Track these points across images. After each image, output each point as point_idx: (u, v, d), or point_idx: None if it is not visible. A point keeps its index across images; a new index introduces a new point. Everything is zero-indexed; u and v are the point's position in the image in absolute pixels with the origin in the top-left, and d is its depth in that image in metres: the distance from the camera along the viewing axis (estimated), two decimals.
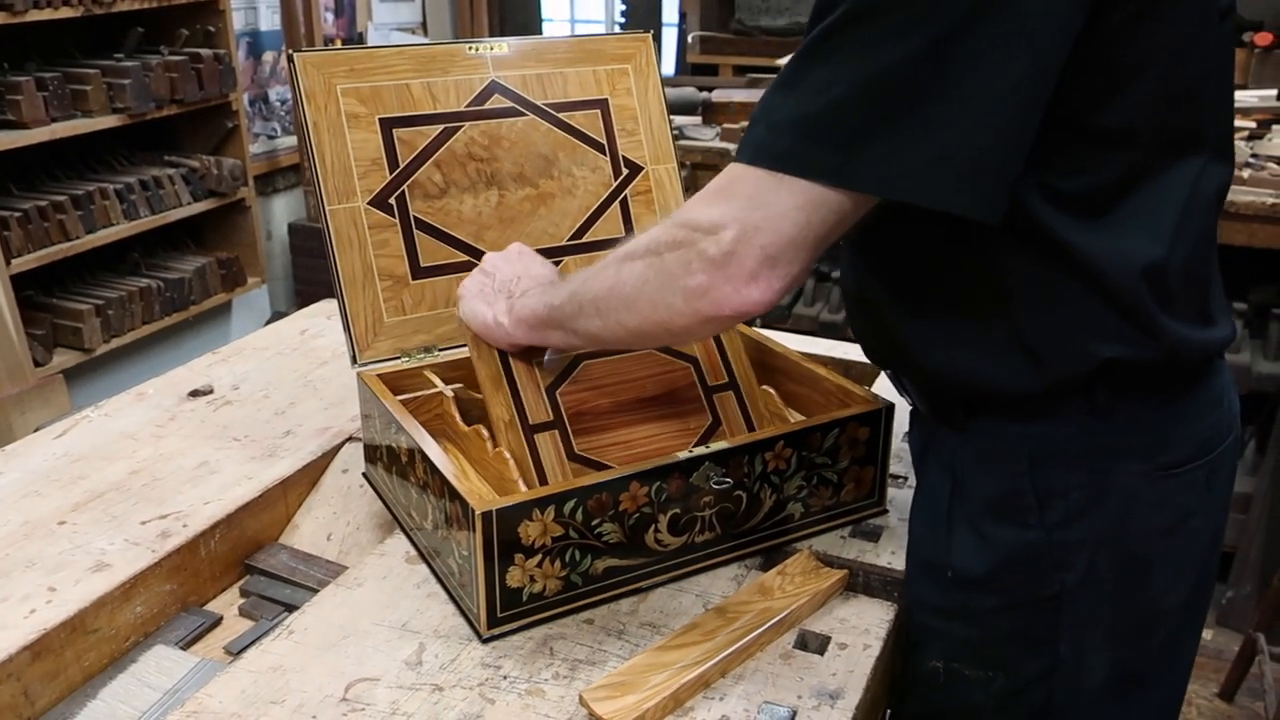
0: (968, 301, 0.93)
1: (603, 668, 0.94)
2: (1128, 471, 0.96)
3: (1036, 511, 0.97)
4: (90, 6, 3.05)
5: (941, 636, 1.05)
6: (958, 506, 1.01)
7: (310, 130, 1.22)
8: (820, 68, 0.81)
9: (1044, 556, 0.98)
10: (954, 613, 1.03)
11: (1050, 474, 0.96)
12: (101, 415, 1.44)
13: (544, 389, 1.13)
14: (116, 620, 1.06)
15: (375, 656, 0.96)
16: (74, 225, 3.11)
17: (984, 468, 0.99)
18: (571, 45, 1.39)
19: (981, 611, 1.02)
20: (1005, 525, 0.98)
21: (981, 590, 1.01)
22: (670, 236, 0.88)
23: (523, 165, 1.33)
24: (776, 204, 0.82)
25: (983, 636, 1.03)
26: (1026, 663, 1.02)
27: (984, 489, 0.99)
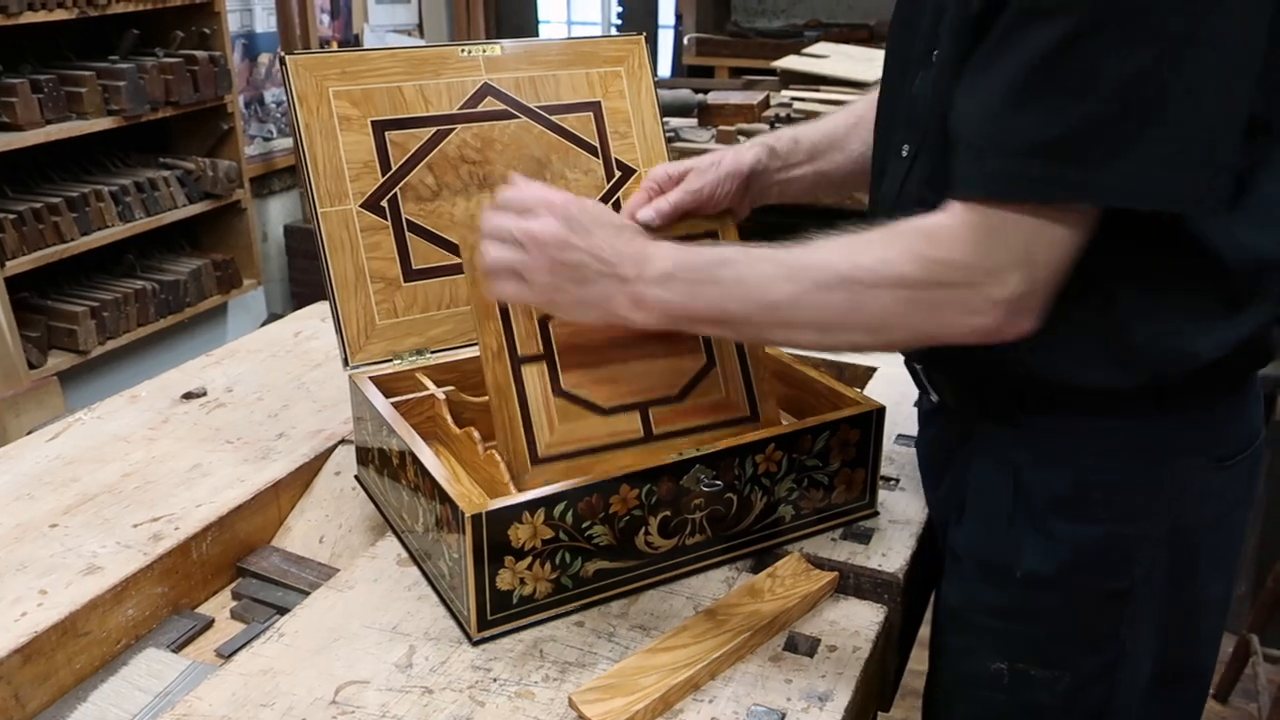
0: (1064, 298, 0.90)
1: (593, 670, 0.95)
2: (1187, 464, 0.97)
3: (1105, 507, 0.98)
4: (85, 9, 3.05)
5: (1004, 637, 1.05)
6: (1021, 504, 1.01)
7: (302, 132, 1.22)
8: (1052, 88, 0.80)
9: (1112, 551, 0.99)
10: (1018, 613, 1.03)
11: (1118, 469, 0.97)
12: (94, 418, 1.44)
13: (536, 319, 1.09)
14: (108, 623, 1.07)
15: (365, 659, 0.96)
16: (69, 227, 3.11)
17: (1050, 464, 0.99)
18: (564, 48, 1.40)
19: (1048, 610, 1.02)
20: (1074, 522, 0.99)
21: (1049, 588, 1.01)
22: (928, 274, 0.86)
23: (515, 168, 1.33)
24: (1051, 236, 0.82)
25: (1048, 635, 1.03)
26: (1090, 660, 1.03)
27: (1051, 486, 0.99)
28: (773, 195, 1.22)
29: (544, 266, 0.96)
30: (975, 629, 1.07)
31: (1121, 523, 0.98)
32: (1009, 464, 1.02)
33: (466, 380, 1.26)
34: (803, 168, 1.21)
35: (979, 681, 1.07)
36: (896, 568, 1.08)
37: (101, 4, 3.09)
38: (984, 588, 1.05)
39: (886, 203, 1.05)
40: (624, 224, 1.01)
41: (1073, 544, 0.99)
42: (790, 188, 1.22)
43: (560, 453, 1.06)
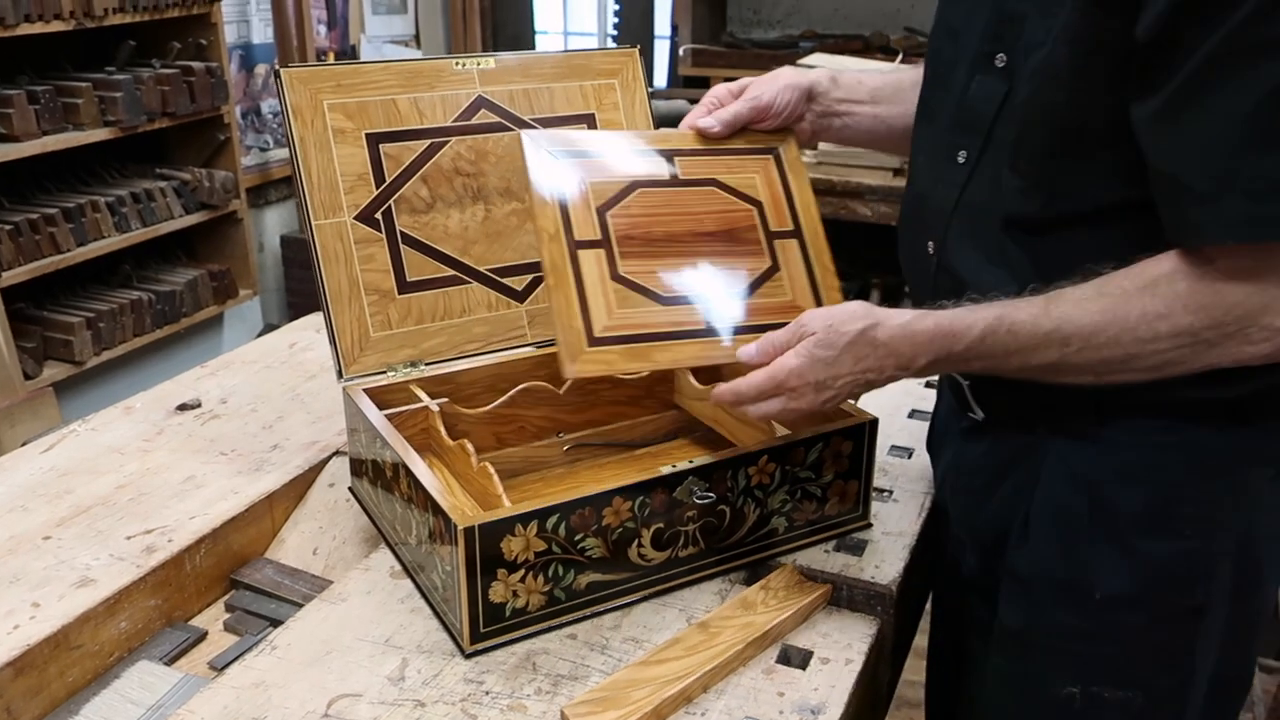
0: None
1: (585, 683, 0.95)
2: (1258, 476, 0.98)
3: (1191, 521, 0.97)
4: (82, 20, 3.05)
5: (1078, 659, 1.03)
6: (1101, 522, 1.00)
7: (297, 145, 1.22)
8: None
9: (1192, 567, 0.98)
10: (1096, 634, 1.02)
11: (1203, 482, 0.97)
12: (89, 429, 1.44)
13: (594, 208, 1.07)
14: (100, 636, 1.06)
15: (358, 672, 0.96)
16: (65, 238, 3.11)
17: (1134, 479, 0.99)
18: (558, 60, 1.40)
19: (1128, 630, 1.01)
20: (1159, 538, 0.98)
21: (1131, 608, 1.00)
22: (1207, 320, 0.87)
23: (509, 180, 1.33)
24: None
25: (1126, 656, 1.02)
26: (1164, 679, 1.02)
27: (1134, 501, 0.99)
28: (834, 129, 1.22)
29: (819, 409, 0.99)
30: (1046, 652, 1.05)
31: (1204, 537, 0.98)
32: (1084, 480, 1.00)
33: (460, 392, 1.26)
34: (864, 106, 1.21)
35: (1046, 706, 1.06)
36: (889, 580, 1.08)
37: (98, 15, 3.09)
38: (1058, 610, 1.03)
39: (944, 210, 1.04)
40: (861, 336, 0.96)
41: (1156, 561, 0.98)
42: (851, 126, 1.22)
43: (618, 335, 1.02)
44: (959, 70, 1.04)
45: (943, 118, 1.06)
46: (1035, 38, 0.94)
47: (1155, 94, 0.86)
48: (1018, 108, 0.97)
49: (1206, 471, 0.98)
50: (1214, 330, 0.88)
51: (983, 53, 1.00)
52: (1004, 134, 0.98)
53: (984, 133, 1.00)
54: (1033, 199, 0.96)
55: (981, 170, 1.01)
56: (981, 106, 1.00)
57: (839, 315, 0.97)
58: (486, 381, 1.28)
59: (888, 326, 0.95)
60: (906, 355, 0.95)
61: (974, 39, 1.01)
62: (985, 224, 1.01)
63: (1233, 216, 0.84)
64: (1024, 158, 0.97)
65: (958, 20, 1.06)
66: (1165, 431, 0.98)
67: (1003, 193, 0.98)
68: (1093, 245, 0.94)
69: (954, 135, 1.04)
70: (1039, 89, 0.94)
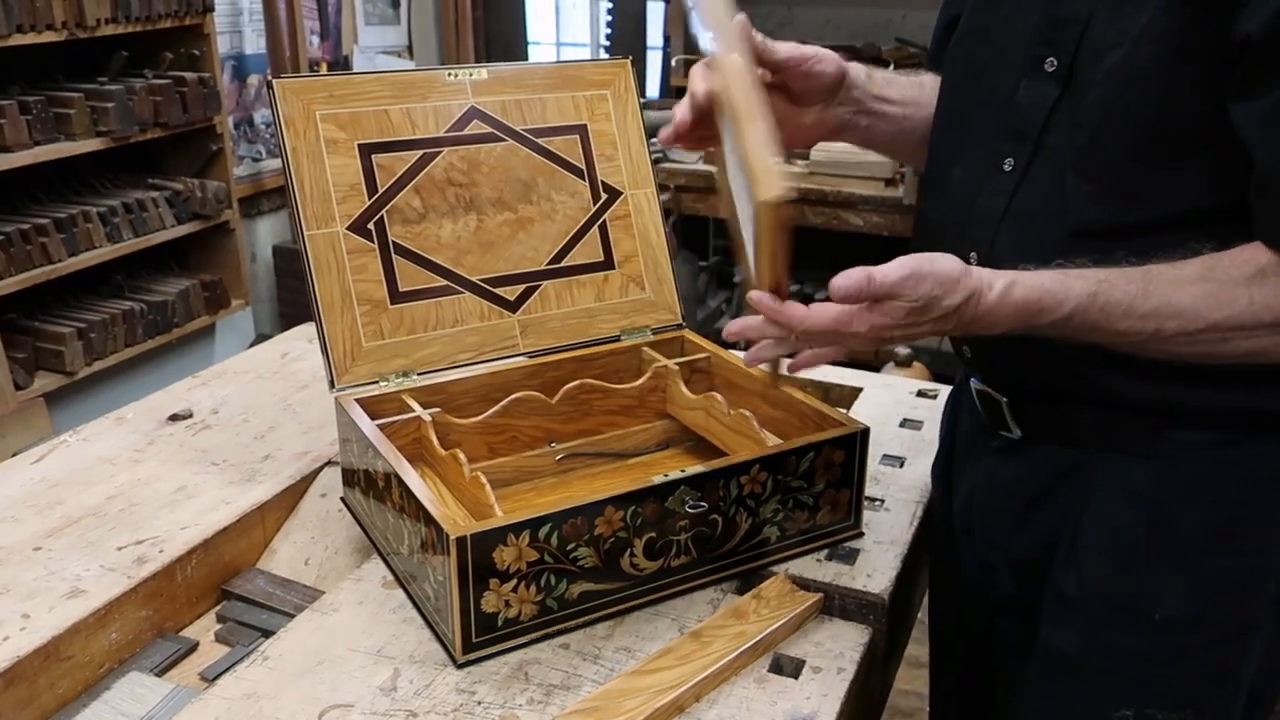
0: None
1: (577, 692, 0.95)
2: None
3: (1254, 538, 0.96)
4: (74, 31, 3.05)
5: (1136, 682, 1.01)
6: (1160, 540, 0.98)
7: (289, 156, 1.23)
8: None
9: (1252, 583, 0.97)
10: (1154, 655, 1.00)
11: (1264, 496, 0.96)
12: (80, 440, 1.44)
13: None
14: (91, 647, 1.06)
15: (349, 683, 0.96)
16: (56, 248, 3.10)
17: (1195, 496, 0.97)
18: (551, 71, 1.41)
19: (1188, 651, 0.99)
20: (1223, 555, 0.97)
21: (1191, 628, 0.98)
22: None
23: (502, 190, 1.34)
24: None
25: (1184, 676, 1.00)
26: (1215, 697, 1.01)
27: (1197, 518, 0.97)
28: (861, 125, 1.15)
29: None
30: (1100, 675, 1.03)
31: (1263, 553, 0.97)
32: (1142, 498, 0.98)
33: (453, 402, 1.26)
34: (893, 106, 1.16)
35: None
36: (881, 588, 1.09)
37: (90, 26, 3.09)
38: (1114, 631, 1.01)
39: (990, 220, 1.01)
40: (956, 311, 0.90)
41: (1218, 579, 0.97)
42: (878, 126, 1.16)
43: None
44: (1000, 76, 1.01)
45: (981, 125, 1.04)
46: (1107, 39, 0.92)
47: (1267, 93, 0.84)
48: (1086, 112, 0.93)
49: (1267, 485, 0.97)
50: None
51: (1032, 56, 0.97)
52: (1057, 140, 0.96)
53: (1033, 139, 0.97)
54: (1105, 205, 0.93)
55: (1032, 177, 0.98)
56: (1031, 113, 0.97)
57: (945, 281, 0.89)
58: (479, 391, 1.28)
59: (986, 301, 0.90)
60: (986, 325, 0.92)
61: (1019, 43, 0.99)
62: (1041, 232, 0.98)
63: None
64: (1095, 163, 0.93)
65: (994, 24, 1.03)
66: (1225, 445, 0.96)
67: (1067, 199, 0.95)
68: (1164, 253, 0.92)
69: (998, 142, 1.01)
70: (1117, 92, 0.91)
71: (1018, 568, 1.12)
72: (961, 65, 1.09)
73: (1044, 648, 1.07)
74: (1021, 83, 0.98)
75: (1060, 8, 0.95)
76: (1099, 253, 0.93)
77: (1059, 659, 1.06)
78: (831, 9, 4.57)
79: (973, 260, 1.00)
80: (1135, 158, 0.91)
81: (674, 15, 4.65)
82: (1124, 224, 0.93)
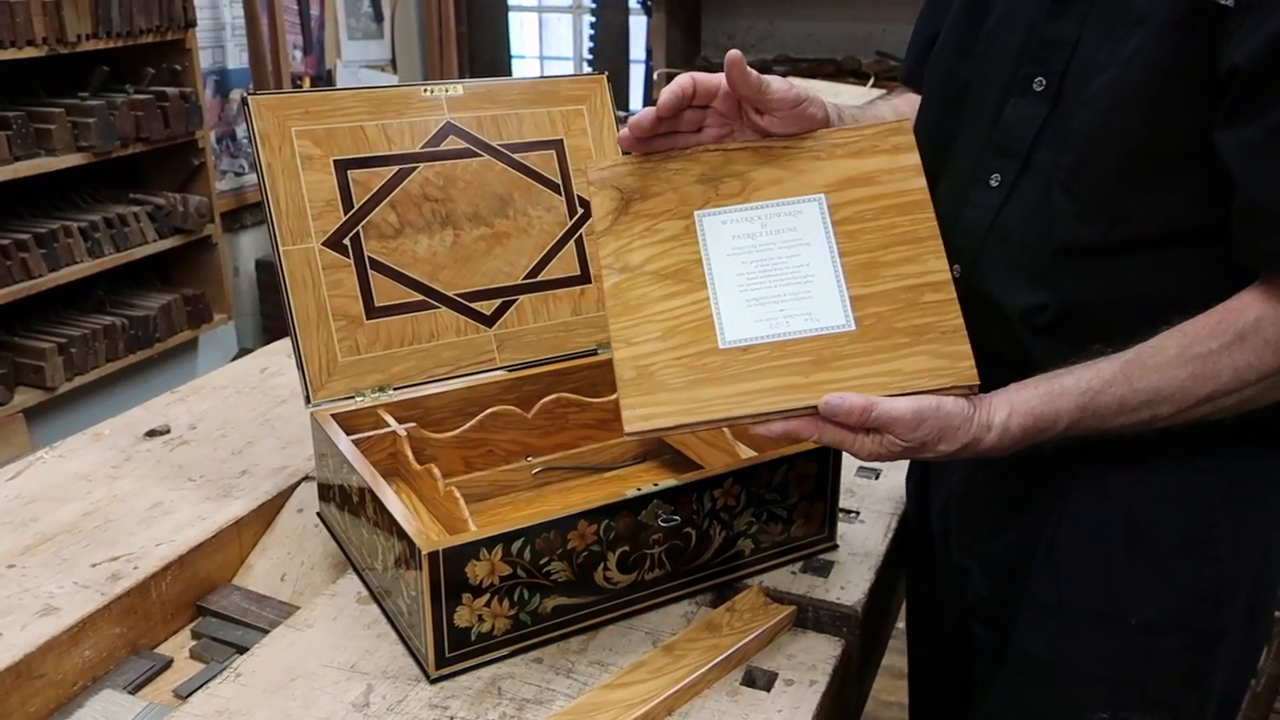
0: None
1: (550, 706, 0.95)
2: (1276, 494, 1.00)
3: (1227, 544, 0.98)
4: (55, 46, 3.05)
5: (1110, 685, 1.03)
6: (1136, 546, 1.00)
7: (265, 171, 1.23)
8: None
9: (1224, 589, 0.99)
10: (1131, 660, 1.02)
11: (1237, 505, 0.98)
12: (56, 456, 1.44)
13: None
14: (64, 665, 1.06)
15: (322, 699, 0.96)
16: (37, 263, 3.10)
17: (1172, 503, 0.99)
18: (527, 87, 1.41)
19: (1162, 655, 1.01)
20: (1197, 561, 0.99)
21: (1166, 632, 1.00)
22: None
23: (478, 205, 1.34)
24: None
25: (1158, 680, 1.02)
26: (1190, 700, 1.03)
27: (1172, 526, 0.99)
28: None
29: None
30: (1077, 679, 1.05)
31: (1234, 559, 0.99)
32: (1119, 504, 1.00)
33: (429, 417, 1.26)
34: None
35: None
36: (855, 600, 1.09)
37: (71, 42, 3.09)
38: (1091, 636, 1.03)
39: (975, 233, 1.03)
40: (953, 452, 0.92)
41: (1192, 585, 0.99)
42: None
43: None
44: (985, 92, 1.02)
45: (966, 140, 1.05)
46: (1095, 61, 0.93)
47: (1252, 123, 0.85)
48: (1073, 132, 0.95)
49: (1240, 495, 0.99)
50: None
51: (1020, 75, 0.98)
52: (1044, 158, 0.97)
53: (1021, 156, 0.98)
54: (1092, 224, 0.94)
55: (1020, 194, 0.99)
56: (1019, 130, 0.99)
57: (945, 429, 0.90)
58: (455, 406, 1.29)
59: (986, 443, 0.91)
60: (992, 451, 0.93)
61: (1004, 60, 1.00)
62: (1026, 247, 0.99)
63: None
64: (1082, 183, 0.95)
65: (976, 40, 1.04)
66: (1202, 455, 0.98)
67: (1053, 217, 0.96)
68: (1149, 270, 0.93)
69: (984, 159, 1.02)
70: (1105, 113, 0.92)
71: (994, 573, 1.13)
72: (942, 81, 1.10)
73: (1020, 652, 1.09)
74: (1009, 100, 0.99)
75: (1049, 28, 0.96)
76: (1082, 270, 0.95)
77: (1034, 663, 1.07)
78: (813, 23, 4.60)
79: (956, 273, 1.01)
80: (1122, 178, 0.93)
81: (656, 29, 4.67)
82: (1110, 242, 0.94)
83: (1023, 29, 0.98)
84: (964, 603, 1.17)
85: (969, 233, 1.03)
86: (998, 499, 1.10)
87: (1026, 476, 1.06)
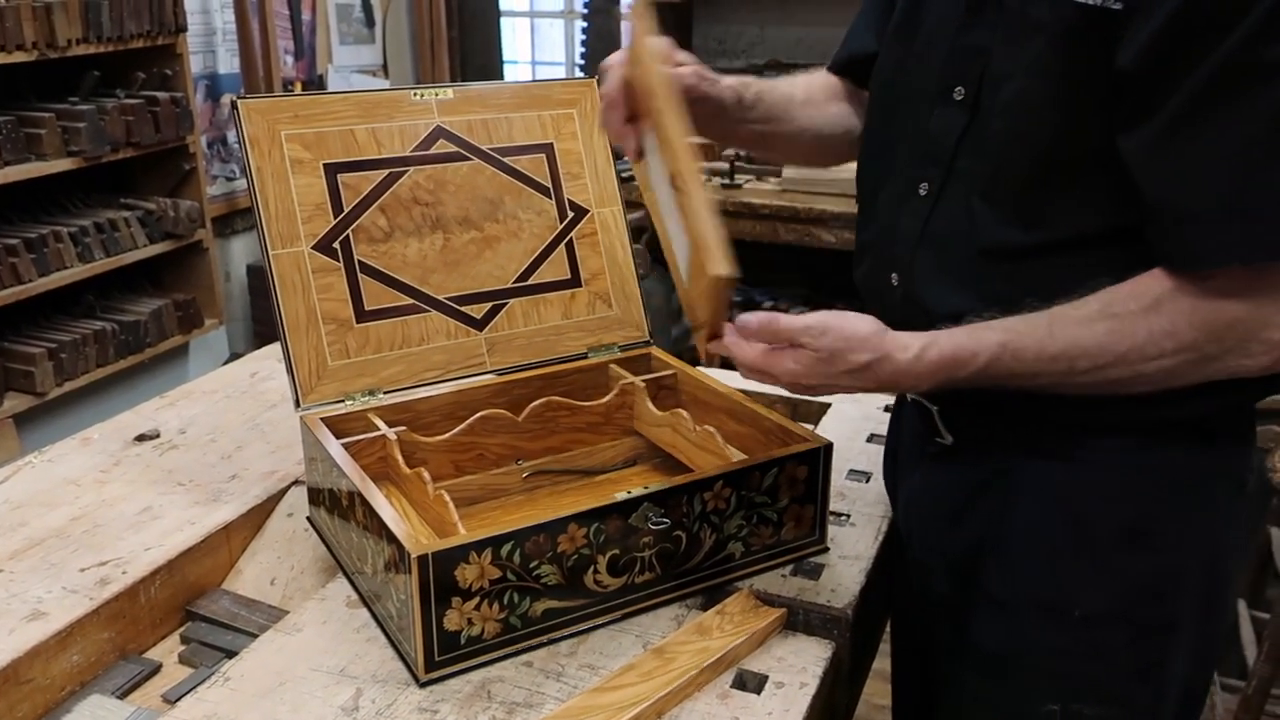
0: None
1: (540, 710, 0.95)
2: (1224, 491, 1.02)
3: (1166, 536, 1.00)
4: (45, 51, 3.04)
5: (1059, 678, 1.05)
6: (1079, 541, 1.02)
7: (254, 175, 1.23)
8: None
9: (1168, 581, 1.01)
10: (1077, 652, 1.03)
11: (1177, 499, 1.00)
12: (45, 461, 1.43)
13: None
14: (52, 670, 1.05)
15: (311, 703, 0.95)
16: (26, 268, 3.09)
17: (1111, 498, 1.01)
18: (517, 91, 1.41)
19: (1108, 647, 1.03)
20: (1137, 555, 1.01)
21: (1111, 625, 1.02)
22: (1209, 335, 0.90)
23: (468, 209, 1.34)
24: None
25: (1107, 672, 1.04)
26: (1142, 693, 1.04)
27: (1113, 520, 1.01)
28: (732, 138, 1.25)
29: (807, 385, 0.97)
30: (1026, 672, 1.06)
31: (1177, 552, 1.01)
32: (1063, 500, 1.02)
33: (418, 420, 1.26)
34: (755, 126, 1.22)
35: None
36: (845, 603, 1.09)
37: (61, 46, 3.08)
38: (1038, 629, 1.05)
39: (909, 242, 1.05)
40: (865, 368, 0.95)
41: (1133, 578, 1.01)
42: (734, 135, 1.23)
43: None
44: (915, 103, 1.05)
45: (900, 151, 1.08)
46: (1003, 70, 0.96)
47: (1146, 123, 0.88)
48: (989, 140, 0.98)
49: (1179, 489, 1.01)
50: (1215, 345, 0.90)
51: (941, 86, 1.01)
52: (967, 165, 1.00)
53: (945, 164, 1.01)
54: (1011, 229, 0.97)
55: (945, 201, 1.02)
56: (942, 139, 1.01)
57: (851, 339, 0.94)
58: (445, 409, 1.28)
59: (894, 362, 0.94)
60: (908, 385, 0.98)
61: (930, 73, 1.03)
62: (953, 253, 1.02)
63: (1232, 239, 0.86)
64: (999, 188, 0.98)
65: (909, 55, 1.07)
66: (1141, 451, 1.00)
67: (975, 223, 0.99)
68: (1071, 271, 0.95)
69: (914, 169, 1.05)
70: (1013, 121, 0.96)
71: (952, 571, 1.15)
72: (881, 94, 1.14)
73: (975, 647, 1.11)
74: (935, 110, 1.03)
75: (965, 38, 1.00)
76: (1006, 273, 0.98)
77: (989, 658, 1.10)
78: (803, 29, 4.61)
79: (894, 281, 1.06)
80: (1035, 184, 0.96)
81: None
82: (1030, 245, 0.97)
83: (946, 41, 1.02)
84: (927, 600, 1.20)
85: (904, 241, 1.06)
86: (952, 498, 1.13)
87: (978, 475, 1.09)
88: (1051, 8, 0.90)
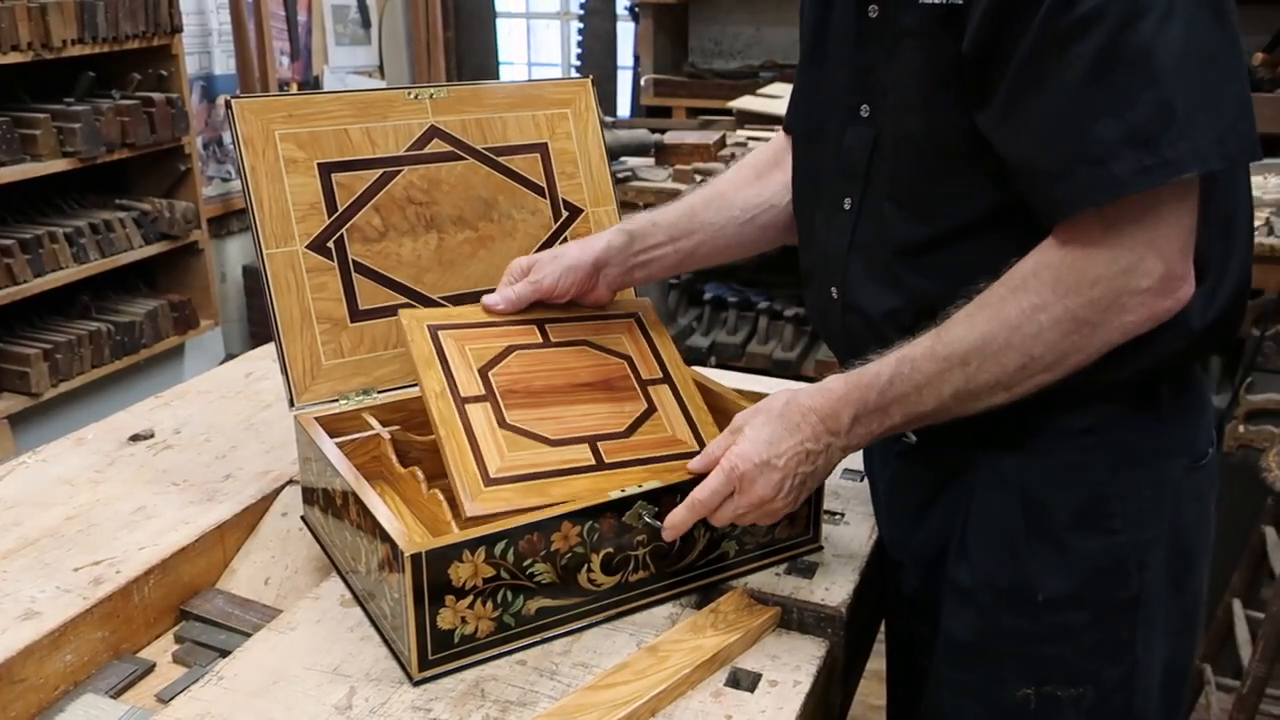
0: None
1: (533, 708, 0.95)
2: (1175, 467, 1.04)
3: (1120, 516, 1.02)
4: (40, 51, 3.04)
5: (1029, 662, 1.07)
6: (1035, 526, 1.04)
7: (248, 175, 1.23)
8: (1117, 87, 0.86)
9: (1126, 559, 1.03)
10: (1044, 635, 1.06)
11: (1128, 477, 1.02)
12: (39, 461, 1.43)
13: (475, 370, 1.15)
14: (45, 669, 1.05)
15: (305, 702, 0.95)
16: (21, 269, 3.09)
17: (1063, 481, 1.03)
18: (511, 90, 1.42)
19: (1074, 628, 1.05)
20: (1091, 534, 1.03)
21: (1074, 606, 1.04)
22: (1078, 298, 0.92)
23: (462, 208, 1.34)
24: (1167, 212, 0.90)
25: (1075, 653, 1.06)
26: (1111, 671, 1.06)
27: (1066, 502, 1.03)
28: (636, 276, 1.28)
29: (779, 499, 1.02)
30: (997, 658, 1.09)
31: (1134, 530, 1.03)
32: (1017, 487, 1.05)
33: (413, 419, 1.26)
34: (664, 248, 1.27)
35: (1003, 711, 1.09)
36: (839, 601, 1.09)
37: (56, 47, 3.08)
38: (1005, 616, 1.07)
39: (840, 254, 1.11)
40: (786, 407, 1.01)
41: (1091, 558, 1.03)
42: (653, 267, 1.28)
43: (512, 475, 1.07)
44: (830, 126, 1.11)
45: (825, 173, 1.14)
46: (887, 79, 1.03)
47: (994, 99, 0.93)
48: (887, 146, 1.04)
49: (1130, 467, 1.03)
50: (1089, 308, 0.92)
51: (849, 106, 1.08)
52: (878, 174, 1.06)
53: (862, 177, 1.07)
54: (915, 224, 1.03)
55: (866, 211, 1.08)
56: (856, 154, 1.08)
57: (763, 402, 1.03)
58: None
59: (807, 392, 1.02)
60: (832, 414, 1.00)
61: (839, 96, 1.09)
62: (877, 257, 1.07)
63: (1081, 186, 0.89)
64: (901, 189, 1.04)
65: (821, 80, 1.14)
66: (1089, 434, 1.03)
67: (887, 225, 1.05)
68: (977, 255, 0.99)
69: (838, 186, 1.11)
70: (898, 123, 1.03)
71: (921, 565, 1.17)
72: (802, 122, 1.21)
73: (946, 638, 1.13)
74: (847, 129, 1.09)
75: (859, 58, 1.06)
76: (921, 267, 1.04)
77: (959, 647, 1.12)
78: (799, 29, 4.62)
79: (834, 293, 1.12)
80: (926, 176, 1.02)
81: (644, 35, 4.68)
82: (935, 236, 1.02)
83: (848, 64, 1.08)
84: (903, 596, 1.21)
85: (836, 255, 1.12)
86: (917, 493, 1.15)
87: (940, 470, 1.12)
88: (914, 13, 0.97)
